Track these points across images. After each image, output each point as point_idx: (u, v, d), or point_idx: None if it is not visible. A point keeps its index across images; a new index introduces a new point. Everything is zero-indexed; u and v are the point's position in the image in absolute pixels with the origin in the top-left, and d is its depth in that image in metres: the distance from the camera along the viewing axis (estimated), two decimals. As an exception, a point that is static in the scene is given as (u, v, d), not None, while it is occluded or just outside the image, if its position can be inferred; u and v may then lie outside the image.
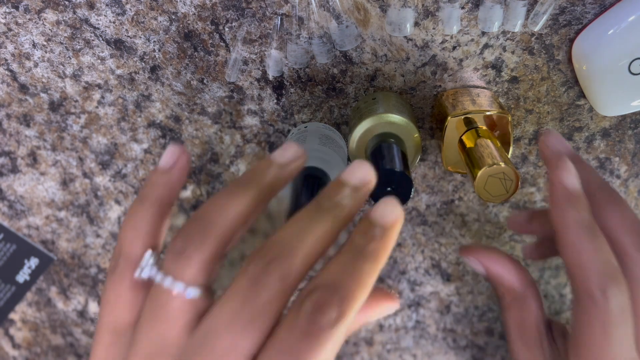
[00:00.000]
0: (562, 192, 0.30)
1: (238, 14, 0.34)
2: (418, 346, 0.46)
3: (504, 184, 0.30)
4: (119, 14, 0.34)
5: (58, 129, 0.38)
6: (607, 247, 0.29)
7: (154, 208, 0.27)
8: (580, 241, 0.28)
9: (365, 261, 0.23)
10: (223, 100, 0.37)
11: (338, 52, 0.35)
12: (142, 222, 0.26)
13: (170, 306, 0.23)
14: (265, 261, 0.23)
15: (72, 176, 0.40)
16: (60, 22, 0.34)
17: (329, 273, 0.23)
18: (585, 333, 0.28)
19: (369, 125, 0.33)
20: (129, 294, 0.26)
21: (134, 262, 0.26)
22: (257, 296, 0.22)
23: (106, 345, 0.26)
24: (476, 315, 0.45)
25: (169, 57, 0.35)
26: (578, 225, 0.29)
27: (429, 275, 0.43)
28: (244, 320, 0.22)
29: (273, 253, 0.23)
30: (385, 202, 0.24)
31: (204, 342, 0.22)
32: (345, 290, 0.22)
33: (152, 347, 0.23)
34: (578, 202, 0.29)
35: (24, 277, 0.44)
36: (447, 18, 0.33)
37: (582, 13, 0.33)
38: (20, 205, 0.42)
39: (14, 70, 0.36)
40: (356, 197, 0.24)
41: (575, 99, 0.37)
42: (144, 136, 0.38)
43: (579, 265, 0.28)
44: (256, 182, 0.25)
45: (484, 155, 0.31)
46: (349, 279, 0.22)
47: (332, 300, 0.22)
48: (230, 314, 0.22)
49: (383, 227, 0.24)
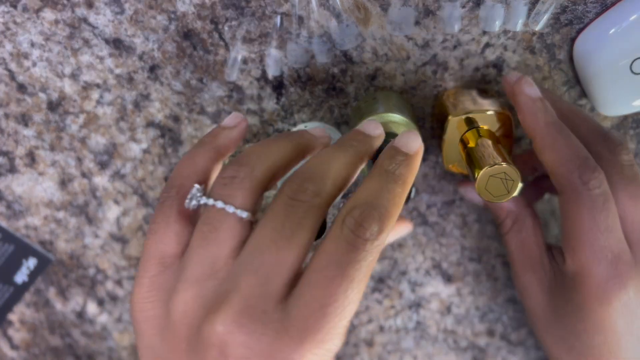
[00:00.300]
0: (527, 100, 0.31)
1: (237, 13, 0.33)
2: (418, 347, 0.46)
3: (505, 184, 0.30)
4: (118, 12, 0.34)
5: (56, 129, 0.38)
6: (579, 142, 0.30)
7: (212, 152, 0.29)
8: (554, 139, 0.30)
9: (396, 183, 0.25)
10: (222, 100, 0.37)
11: (338, 51, 0.34)
12: (200, 161, 0.28)
13: (220, 228, 0.25)
14: (300, 181, 0.25)
15: (71, 176, 0.40)
16: (59, 21, 0.34)
17: (366, 193, 0.25)
18: (574, 223, 0.30)
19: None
20: (177, 225, 0.27)
21: (186, 195, 0.27)
22: (295, 212, 0.24)
23: (153, 276, 0.26)
24: (477, 316, 0.45)
25: (168, 57, 0.35)
26: (549, 125, 0.30)
27: (429, 276, 0.43)
28: (285, 236, 0.24)
29: (306, 175, 0.25)
30: (407, 133, 0.27)
31: (250, 260, 0.24)
32: (382, 208, 0.24)
33: (202, 270, 0.25)
34: (544, 106, 0.31)
35: (22, 278, 0.44)
36: (448, 17, 0.33)
37: (584, 12, 0.33)
38: (18, 206, 0.42)
39: (12, 69, 0.36)
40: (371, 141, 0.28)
41: (576, 98, 0.36)
42: (143, 136, 0.38)
43: (557, 161, 0.30)
44: (298, 137, 0.28)
45: (485, 155, 0.31)
46: (384, 198, 0.25)
47: (372, 215, 0.24)
48: (272, 231, 0.24)
49: (407, 154, 0.26)
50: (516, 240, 0.35)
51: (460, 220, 0.41)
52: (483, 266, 0.43)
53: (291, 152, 0.27)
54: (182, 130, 0.38)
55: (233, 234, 0.25)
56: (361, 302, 0.44)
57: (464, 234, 0.42)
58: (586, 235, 0.29)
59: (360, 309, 0.45)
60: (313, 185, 0.25)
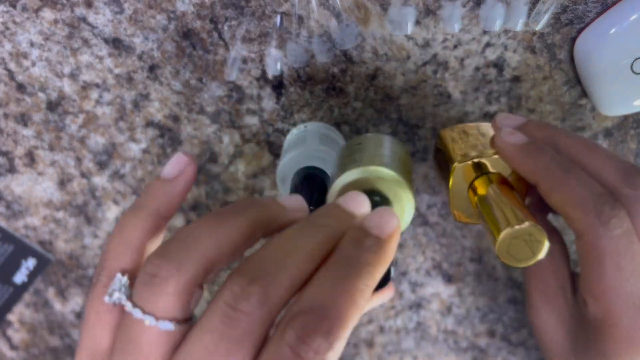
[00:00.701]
0: (513, 150, 0.28)
1: (237, 13, 0.33)
2: (419, 348, 0.46)
3: (529, 245, 0.26)
4: (117, 12, 0.34)
5: (56, 129, 0.38)
6: (588, 177, 0.27)
7: (149, 220, 0.25)
8: (559, 179, 0.26)
9: (359, 276, 0.20)
10: (222, 100, 0.36)
11: (338, 51, 0.34)
12: (132, 235, 0.24)
13: (140, 341, 0.21)
14: (243, 283, 0.20)
15: (70, 176, 0.40)
16: (58, 20, 0.34)
17: (315, 292, 0.20)
18: (596, 269, 0.26)
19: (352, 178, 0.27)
20: (108, 316, 0.23)
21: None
22: (234, 326, 0.20)
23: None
24: (477, 316, 0.45)
25: (168, 56, 0.35)
26: (548, 167, 0.27)
27: (430, 277, 0.43)
28: (220, 356, 0.20)
29: (254, 271, 0.20)
30: (380, 211, 0.22)
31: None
32: (335, 312, 0.19)
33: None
34: (536, 148, 0.28)
35: (21, 278, 0.44)
36: (449, 16, 0.33)
37: (584, 12, 0.33)
38: (17, 206, 0.41)
39: (12, 69, 0.36)
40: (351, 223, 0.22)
41: (577, 98, 0.36)
42: (142, 136, 0.38)
43: (569, 203, 0.26)
44: (257, 212, 0.23)
45: (502, 212, 0.27)
46: (339, 298, 0.20)
47: (319, 326, 0.19)
48: (205, 348, 0.20)
49: (378, 238, 0.21)
50: (539, 267, 0.31)
51: (461, 221, 0.41)
52: (483, 266, 0.43)
53: (242, 234, 0.22)
54: (181, 130, 0.38)
55: (156, 347, 0.21)
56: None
57: (464, 234, 0.42)
58: (610, 282, 0.26)
59: (360, 309, 0.45)
60: (259, 288, 0.20)
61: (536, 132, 0.29)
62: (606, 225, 0.25)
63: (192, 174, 0.26)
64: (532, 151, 0.28)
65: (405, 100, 0.36)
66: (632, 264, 0.26)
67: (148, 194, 0.25)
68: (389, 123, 0.37)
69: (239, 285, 0.20)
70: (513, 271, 0.43)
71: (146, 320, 0.21)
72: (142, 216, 0.25)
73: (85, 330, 0.24)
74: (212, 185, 0.40)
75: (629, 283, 0.26)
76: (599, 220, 0.25)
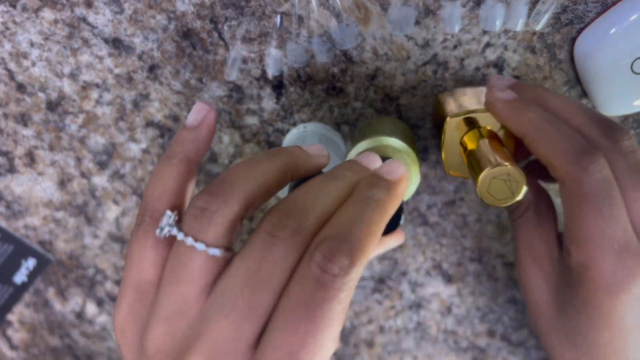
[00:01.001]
0: (503, 105, 0.30)
1: (237, 13, 0.33)
2: (419, 347, 0.46)
3: (509, 185, 0.29)
4: (117, 12, 0.34)
5: (56, 129, 0.38)
6: (571, 129, 0.28)
7: (181, 166, 0.27)
8: (543, 131, 0.28)
9: (374, 210, 0.23)
10: (222, 100, 0.36)
11: (338, 51, 0.34)
12: (169, 179, 0.27)
13: (191, 266, 0.23)
14: (280, 215, 0.23)
15: (70, 176, 0.40)
16: (58, 20, 0.34)
17: (337, 223, 0.23)
18: (577, 214, 0.27)
19: (365, 147, 0.31)
20: (153, 252, 0.25)
21: (159, 219, 0.26)
22: (272, 251, 0.22)
23: (130, 302, 0.26)
24: (477, 316, 0.45)
25: (168, 56, 0.35)
26: (533, 120, 0.29)
27: (430, 277, 0.43)
28: (259, 279, 0.22)
29: (287, 208, 0.23)
30: (390, 161, 0.26)
31: (221, 303, 0.23)
32: (355, 239, 0.22)
33: (172, 309, 0.23)
34: (522, 104, 0.29)
35: (21, 278, 0.44)
36: (449, 16, 0.33)
37: (584, 12, 0.33)
38: (17, 206, 0.41)
39: (12, 69, 0.36)
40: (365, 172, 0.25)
41: (577, 98, 0.36)
42: (142, 136, 0.38)
43: (552, 153, 0.28)
44: (286, 157, 0.26)
45: (486, 156, 0.30)
46: (358, 228, 0.23)
47: (341, 249, 0.22)
48: (246, 272, 0.23)
49: (389, 181, 0.25)
50: (527, 227, 0.32)
51: (461, 221, 0.41)
52: (483, 266, 0.43)
53: (276, 175, 0.25)
54: (181, 130, 0.38)
55: (205, 272, 0.23)
56: (361, 303, 0.44)
57: (464, 234, 0.42)
58: (590, 227, 0.27)
59: (360, 309, 0.45)
60: (293, 221, 0.23)
61: (525, 91, 0.31)
62: (585, 170, 0.26)
63: (214, 120, 0.28)
64: (520, 107, 0.29)
65: (405, 100, 0.36)
66: (611, 208, 0.27)
67: (177, 143, 0.28)
68: (389, 123, 0.37)
69: (277, 218, 0.23)
70: (513, 271, 0.43)
71: (198, 246, 0.23)
72: (175, 162, 0.27)
73: (130, 265, 0.26)
74: (212, 185, 0.40)
75: (609, 227, 0.27)
76: (579, 166, 0.27)
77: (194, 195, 0.25)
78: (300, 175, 0.27)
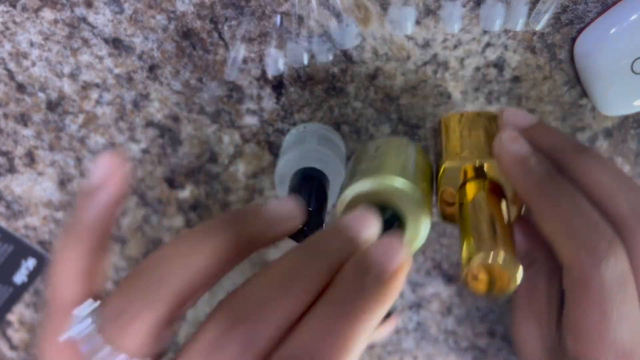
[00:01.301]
0: (512, 160, 0.25)
1: (237, 13, 0.33)
2: (419, 348, 0.46)
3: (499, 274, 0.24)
4: (117, 12, 0.34)
5: (55, 129, 0.38)
6: (589, 206, 0.23)
7: (84, 244, 0.22)
8: (552, 203, 0.23)
9: (357, 319, 0.17)
10: (222, 100, 0.36)
11: (338, 51, 0.34)
12: (72, 260, 0.21)
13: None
14: (228, 322, 0.17)
15: (70, 176, 0.40)
16: (58, 20, 0.34)
17: (306, 337, 0.17)
18: (581, 311, 0.23)
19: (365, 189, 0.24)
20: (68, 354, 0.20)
21: (68, 311, 0.20)
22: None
23: None
24: (478, 316, 0.45)
25: (168, 56, 0.35)
26: (545, 189, 0.23)
27: (430, 277, 0.43)
28: None
29: (239, 310, 0.17)
30: (387, 241, 0.20)
31: None
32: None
33: None
34: (534, 166, 0.24)
35: (21, 278, 0.44)
36: (449, 16, 0.33)
37: (584, 12, 0.33)
38: (17, 206, 0.41)
39: (11, 69, 0.36)
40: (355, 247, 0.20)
41: (577, 98, 0.36)
42: (142, 136, 0.38)
43: (559, 233, 0.23)
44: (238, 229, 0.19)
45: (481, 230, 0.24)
46: (332, 345, 0.17)
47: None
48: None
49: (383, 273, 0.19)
50: (527, 285, 0.29)
51: (461, 221, 0.41)
52: (483, 267, 0.43)
53: (222, 257, 0.19)
54: (181, 130, 0.38)
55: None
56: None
57: (464, 235, 0.42)
58: (593, 327, 0.23)
59: (360, 309, 0.44)
60: (246, 331, 0.17)
61: (543, 140, 0.26)
62: (598, 265, 0.22)
63: (123, 176, 0.22)
64: (531, 169, 0.24)
65: (406, 100, 0.36)
66: (619, 311, 0.22)
67: (79, 209, 0.22)
68: (389, 123, 0.37)
69: (225, 321, 0.17)
70: (513, 271, 0.43)
71: (116, 358, 0.18)
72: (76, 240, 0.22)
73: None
74: (212, 185, 0.40)
75: (614, 329, 0.22)
76: (591, 257, 0.22)
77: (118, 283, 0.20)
78: (262, 247, 0.21)
